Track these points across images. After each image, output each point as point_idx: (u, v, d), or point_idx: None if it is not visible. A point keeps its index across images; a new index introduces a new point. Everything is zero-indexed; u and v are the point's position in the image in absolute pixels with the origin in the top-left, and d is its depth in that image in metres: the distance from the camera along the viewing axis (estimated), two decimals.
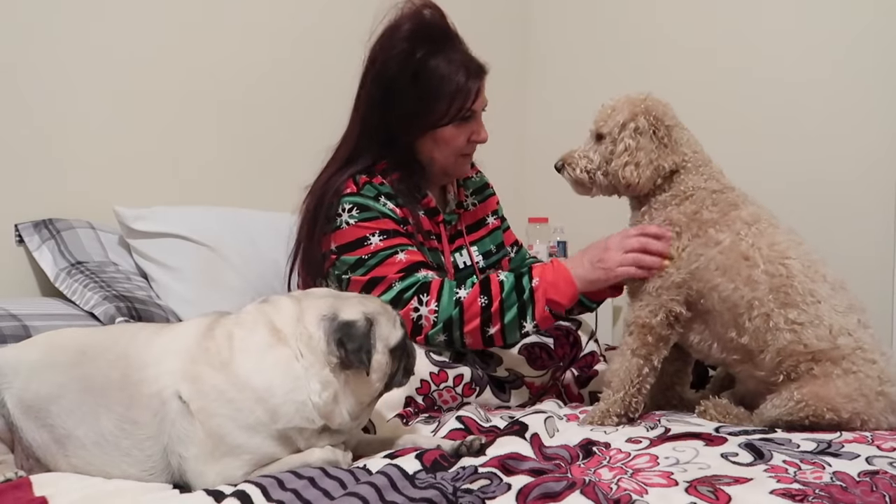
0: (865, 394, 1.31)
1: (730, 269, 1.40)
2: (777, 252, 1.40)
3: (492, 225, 1.88)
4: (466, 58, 1.66)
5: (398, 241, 1.59)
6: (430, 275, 1.57)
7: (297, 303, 1.17)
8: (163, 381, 1.11)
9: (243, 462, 1.08)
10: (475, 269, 1.79)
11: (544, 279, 1.55)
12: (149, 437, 1.11)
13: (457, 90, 1.61)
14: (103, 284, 1.80)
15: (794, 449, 1.15)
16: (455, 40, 1.68)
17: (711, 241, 1.42)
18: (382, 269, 1.56)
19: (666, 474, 1.04)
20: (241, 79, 2.33)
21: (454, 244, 1.78)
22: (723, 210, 1.45)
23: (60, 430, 1.14)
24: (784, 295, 1.36)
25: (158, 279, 1.93)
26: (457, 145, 1.68)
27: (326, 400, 1.10)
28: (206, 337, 1.15)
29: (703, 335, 1.46)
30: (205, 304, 1.89)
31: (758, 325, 1.37)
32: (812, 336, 1.34)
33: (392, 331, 1.17)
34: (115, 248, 2.00)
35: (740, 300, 1.38)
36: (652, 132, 1.47)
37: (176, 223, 1.98)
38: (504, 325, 1.54)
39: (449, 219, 1.77)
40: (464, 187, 1.86)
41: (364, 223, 1.60)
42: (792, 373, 1.36)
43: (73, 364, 1.18)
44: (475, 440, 1.17)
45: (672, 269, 1.44)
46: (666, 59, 2.86)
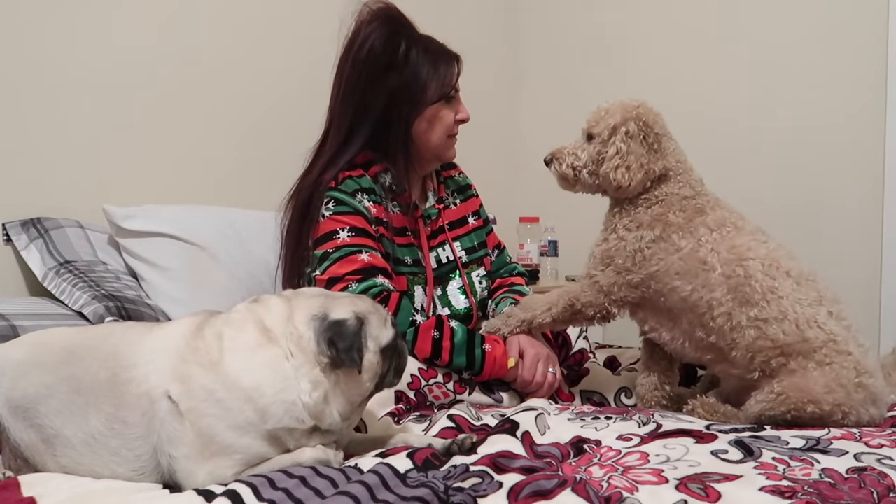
0: (844, 384, 1.33)
1: (687, 273, 1.45)
2: (735, 255, 1.44)
3: (472, 225, 1.89)
4: (439, 44, 1.74)
5: (364, 242, 1.60)
6: (388, 283, 1.59)
7: (288, 302, 1.16)
8: (152, 381, 1.11)
9: (234, 462, 1.08)
10: (458, 263, 1.79)
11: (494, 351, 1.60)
12: (138, 437, 1.10)
13: (442, 69, 1.69)
14: (92, 284, 1.79)
15: (784, 446, 1.16)
16: (419, 31, 1.74)
17: (673, 247, 1.48)
18: (342, 266, 1.58)
19: (656, 472, 1.04)
20: (233, 77, 2.32)
21: (436, 240, 1.79)
22: (689, 216, 1.50)
23: (49, 430, 1.13)
24: (742, 294, 1.40)
25: (148, 279, 1.92)
26: (447, 123, 1.73)
27: (317, 400, 1.10)
28: (195, 336, 1.14)
29: (674, 333, 1.51)
30: (195, 304, 1.88)
31: (721, 324, 1.42)
32: (777, 331, 1.37)
33: (383, 330, 1.17)
34: (105, 247, 1.98)
35: (699, 301, 1.43)
36: (642, 137, 1.52)
37: (166, 222, 1.97)
38: (451, 362, 1.58)
39: (428, 213, 1.78)
40: (445, 185, 1.88)
41: (338, 216, 1.62)
42: (766, 369, 1.39)
43: (60, 363, 1.17)
44: (466, 438, 1.17)
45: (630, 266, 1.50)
46: (654, 63, 2.89)
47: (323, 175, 1.68)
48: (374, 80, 1.67)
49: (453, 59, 1.73)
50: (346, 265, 1.59)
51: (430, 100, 1.69)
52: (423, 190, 1.83)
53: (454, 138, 1.78)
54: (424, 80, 1.67)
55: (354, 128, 1.69)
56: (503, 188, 3.00)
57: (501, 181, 3.03)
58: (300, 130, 1.80)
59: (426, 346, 1.56)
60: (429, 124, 1.71)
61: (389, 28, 1.68)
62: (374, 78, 1.67)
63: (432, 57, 1.69)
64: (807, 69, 2.57)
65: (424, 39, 1.72)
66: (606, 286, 1.52)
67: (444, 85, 1.69)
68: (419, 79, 1.67)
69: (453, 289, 1.78)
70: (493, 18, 3.15)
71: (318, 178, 1.69)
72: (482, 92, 1.75)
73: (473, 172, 2.07)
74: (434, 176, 1.86)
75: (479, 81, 1.74)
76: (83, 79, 2.01)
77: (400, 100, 1.67)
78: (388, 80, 1.66)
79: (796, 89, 2.59)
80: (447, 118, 1.73)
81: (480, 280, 1.84)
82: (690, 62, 2.81)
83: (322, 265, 1.61)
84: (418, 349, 1.56)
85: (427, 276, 1.72)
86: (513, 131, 3.23)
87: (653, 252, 1.47)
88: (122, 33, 2.09)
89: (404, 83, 1.66)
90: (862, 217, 2.47)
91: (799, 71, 2.58)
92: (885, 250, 2.39)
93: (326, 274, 1.60)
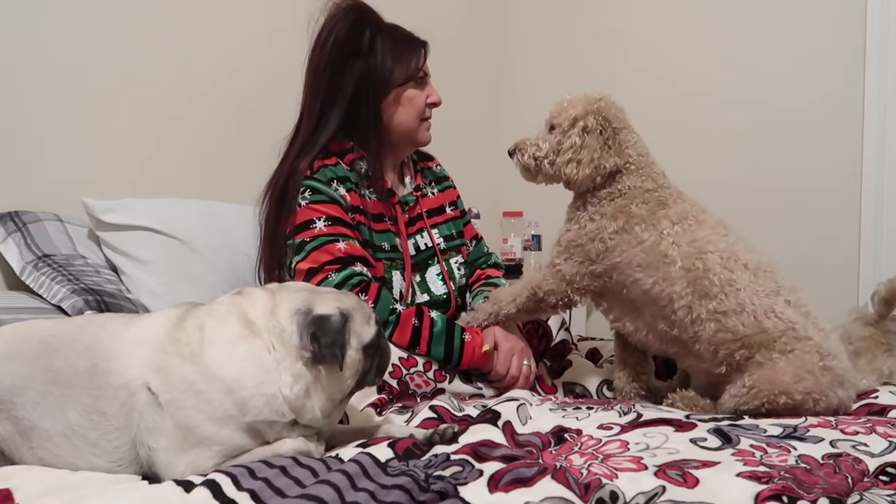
0: (810, 370, 1.34)
1: (649, 266, 1.46)
2: (695, 248, 1.45)
3: (450, 214, 1.90)
4: (406, 31, 1.77)
5: (341, 231, 1.62)
6: (366, 272, 1.61)
7: (272, 295, 1.16)
8: (131, 372, 1.10)
9: (213, 453, 1.07)
10: (436, 250, 1.81)
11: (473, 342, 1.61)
12: (117, 429, 1.09)
13: (410, 51, 1.73)
14: (71, 278, 1.77)
15: (762, 434, 1.17)
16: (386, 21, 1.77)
17: (635, 239, 1.48)
18: (319, 255, 1.60)
19: (636, 459, 1.05)
20: (212, 71, 2.31)
21: (414, 227, 1.80)
22: (651, 209, 1.51)
23: (25, 422, 1.12)
24: (701, 287, 1.42)
25: (129, 272, 1.90)
26: (418, 105, 1.75)
27: (298, 393, 1.09)
28: (176, 328, 1.13)
29: (637, 324, 1.52)
30: (176, 298, 1.86)
31: (682, 316, 1.43)
32: (737, 323, 1.39)
33: (366, 328, 1.16)
34: (84, 240, 1.96)
35: (660, 293, 1.45)
36: (599, 132, 1.52)
37: (146, 216, 1.95)
38: (429, 352, 1.59)
39: (405, 200, 1.79)
40: (422, 174, 1.89)
41: (314, 205, 1.64)
42: (731, 362, 1.41)
43: (37, 355, 1.16)
44: (448, 428, 1.17)
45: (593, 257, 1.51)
46: (639, 61, 2.90)
47: (297, 163, 1.70)
48: (341, 67, 1.71)
49: (419, 44, 1.76)
50: (323, 254, 1.60)
51: (397, 82, 1.72)
52: (399, 177, 1.85)
53: (427, 122, 1.81)
54: (390, 63, 1.71)
55: (324, 114, 1.72)
56: (487, 182, 3.00)
57: (485, 175, 3.03)
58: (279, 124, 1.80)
59: (405, 335, 1.58)
60: (398, 106, 1.74)
61: (354, 17, 1.72)
62: (340, 65, 1.71)
63: (398, 42, 1.73)
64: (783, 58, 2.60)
65: (390, 27, 1.76)
66: (569, 275, 1.53)
67: (409, 68, 1.73)
68: (385, 62, 1.71)
69: (432, 275, 1.79)
70: (477, 14, 3.16)
71: (291, 166, 1.71)
72: (466, 86, 1.76)
73: (457, 166, 2.07)
74: (411, 164, 1.88)
75: (463, 76, 1.75)
76: (62, 72, 1.99)
77: (367, 84, 1.70)
78: (355, 66, 1.70)
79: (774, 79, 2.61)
80: (417, 100, 1.76)
81: (459, 267, 1.86)
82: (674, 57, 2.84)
83: (299, 254, 1.63)
84: (397, 338, 1.57)
85: (405, 262, 1.73)
86: (496, 125, 3.23)
87: (615, 243, 1.48)
88: (98, 27, 2.06)
89: (370, 67, 1.70)
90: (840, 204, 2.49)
91: (776, 60, 2.61)
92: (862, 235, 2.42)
93: (305, 263, 1.61)
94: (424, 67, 1.77)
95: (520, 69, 3.24)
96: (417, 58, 1.74)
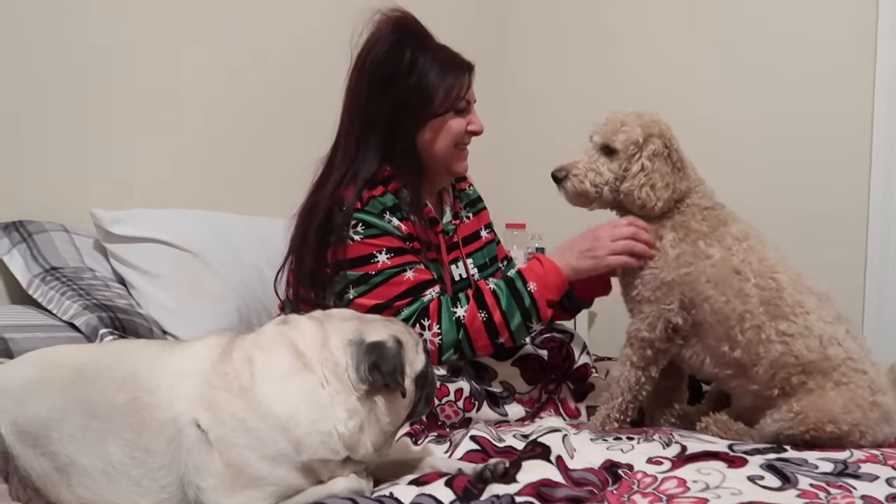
0: (860, 404, 1.34)
1: (721, 283, 1.43)
2: (767, 266, 1.44)
3: (485, 238, 1.86)
4: (451, 53, 1.68)
5: (406, 259, 1.56)
6: (434, 294, 1.56)
7: (321, 325, 1.12)
8: (178, 407, 1.05)
9: (266, 494, 1.03)
10: (471, 281, 1.76)
11: (540, 283, 1.56)
12: (163, 467, 1.05)
13: (451, 79, 1.63)
14: (82, 292, 1.71)
15: (814, 470, 1.16)
16: (434, 40, 1.69)
17: (702, 253, 1.46)
18: (388, 290, 1.53)
19: (701, 501, 1.03)
20: (224, 81, 2.24)
21: (451, 255, 1.75)
22: (712, 225, 1.50)
23: (63, 458, 1.07)
24: (774, 307, 1.40)
25: (139, 286, 1.84)
26: (456, 133, 1.67)
27: (352, 430, 1.05)
28: (222, 360, 1.09)
29: (696, 349, 1.49)
30: (187, 313, 1.82)
31: (750, 337, 1.40)
32: (802, 347, 1.38)
33: (416, 356, 1.13)
34: (91, 252, 1.90)
35: (732, 312, 1.42)
36: (666, 155, 1.50)
37: (157, 227, 1.90)
38: (512, 333, 1.56)
39: (447, 229, 1.75)
40: (459, 199, 1.84)
41: (370, 240, 1.55)
42: (786, 386, 1.39)
43: (72, 384, 1.10)
44: (499, 464, 1.14)
45: (659, 266, 1.47)
46: (642, 71, 2.89)
47: (340, 191, 1.60)
48: (378, 90, 1.62)
49: (464, 68, 1.67)
50: (392, 288, 1.53)
51: (437, 111, 1.63)
52: (440, 204, 1.79)
53: (464, 150, 1.73)
54: (430, 90, 1.62)
55: (362, 140, 1.63)
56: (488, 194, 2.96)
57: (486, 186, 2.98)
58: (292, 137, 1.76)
59: (482, 339, 1.53)
60: (434, 134, 1.66)
61: (397, 35, 1.64)
62: (378, 87, 1.62)
63: (440, 66, 1.63)
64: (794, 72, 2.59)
65: (434, 48, 1.67)
66: (651, 293, 1.49)
67: (450, 97, 1.63)
68: (424, 89, 1.62)
69: None
70: (480, 25, 3.13)
71: (333, 194, 1.60)
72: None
73: None
74: (450, 188, 1.82)
75: None
76: (70, 80, 1.92)
77: (403, 110, 1.62)
78: (392, 91, 1.61)
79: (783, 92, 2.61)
80: (455, 128, 1.67)
81: None
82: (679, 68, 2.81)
83: (360, 286, 1.54)
84: (478, 347, 1.54)
85: (448, 292, 1.68)
86: (497, 135, 3.20)
87: (680, 252, 1.45)
88: (108, 31, 1.99)
89: (408, 94, 1.61)
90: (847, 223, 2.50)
91: (786, 74, 2.60)
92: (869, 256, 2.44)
93: (368, 298, 1.53)
94: (468, 95, 1.68)
95: (521, 78, 3.21)
96: (460, 86, 1.64)
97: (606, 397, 1.55)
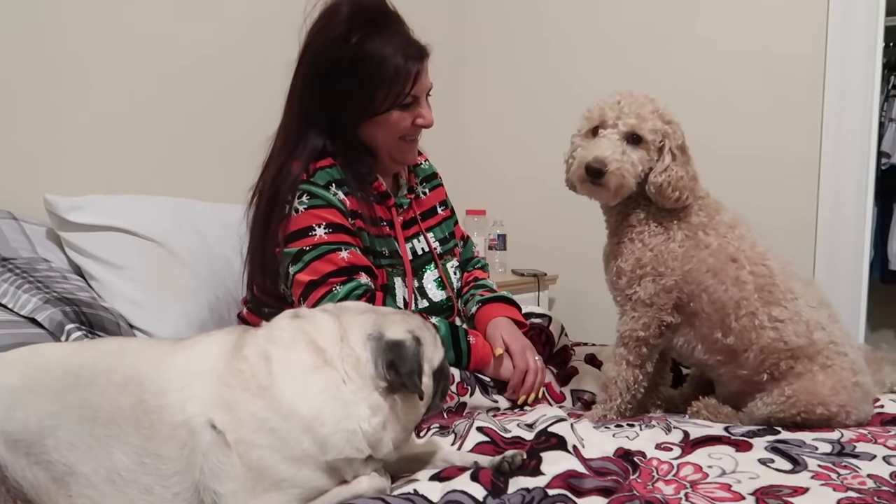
0: (846, 385, 1.39)
1: (720, 271, 1.44)
2: (758, 253, 1.46)
3: (441, 215, 1.84)
4: (406, 40, 1.58)
5: (343, 238, 1.53)
6: (370, 282, 1.53)
7: (336, 319, 1.07)
8: (191, 409, 0.99)
9: (290, 497, 0.98)
10: (434, 254, 1.75)
11: (479, 341, 1.61)
12: (176, 473, 0.98)
13: (395, 75, 1.54)
14: (39, 285, 1.59)
15: (815, 452, 1.20)
16: (395, 22, 1.60)
17: (701, 243, 1.47)
18: (322, 266, 1.50)
19: (724, 486, 1.05)
20: (181, 62, 2.14)
21: (410, 230, 1.73)
22: (709, 214, 1.50)
23: (60, 467, 0.99)
24: (768, 293, 1.43)
25: (100, 278, 1.73)
26: (400, 129, 1.61)
27: (376, 427, 1.02)
28: (236, 357, 1.03)
29: (688, 337, 1.50)
30: (155, 307, 1.73)
31: (744, 324, 1.43)
32: (792, 333, 1.41)
33: (435, 351, 1.10)
34: (44, 241, 1.78)
35: (729, 301, 1.43)
36: (685, 144, 1.48)
37: (117, 215, 1.79)
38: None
39: (401, 202, 1.71)
40: (415, 174, 1.81)
41: (314, 210, 1.53)
42: (774, 371, 1.43)
43: (66, 388, 1.02)
44: (517, 456, 1.12)
45: (666, 270, 1.46)
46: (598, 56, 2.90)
47: (289, 164, 1.57)
48: (317, 84, 1.56)
49: (417, 59, 1.56)
50: (325, 265, 1.51)
51: (377, 111, 1.56)
52: (395, 181, 1.75)
53: (414, 142, 1.67)
54: (372, 89, 1.54)
55: (301, 133, 1.59)
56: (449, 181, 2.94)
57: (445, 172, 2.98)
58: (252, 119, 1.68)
59: None
60: (377, 128, 1.60)
61: (347, 17, 1.54)
62: (317, 80, 1.56)
63: (388, 59, 1.53)
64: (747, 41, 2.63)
65: (387, 33, 1.56)
66: (649, 297, 1.46)
67: (393, 95, 1.55)
68: (366, 87, 1.54)
69: (429, 281, 1.73)
70: (436, 9, 3.08)
71: (282, 168, 1.58)
72: None
73: None
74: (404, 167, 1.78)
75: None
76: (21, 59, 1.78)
77: (342, 108, 1.57)
78: (332, 86, 1.55)
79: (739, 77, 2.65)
80: (400, 124, 1.60)
81: (455, 271, 1.82)
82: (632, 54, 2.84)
83: (297, 264, 1.52)
84: None
85: (405, 267, 1.66)
86: (455, 120, 3.18)
87: (685, 249, 1.45)
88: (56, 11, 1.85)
89: (348, 91, 1.54)
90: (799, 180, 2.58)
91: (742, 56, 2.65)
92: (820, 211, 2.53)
93: (305, 275, 1.51)
94: (416, 89, 1.58)
95: (479, 64, 3.19)
96: (404, 83, 1.54)
97: (604, 398, 1.53)
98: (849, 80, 2.49)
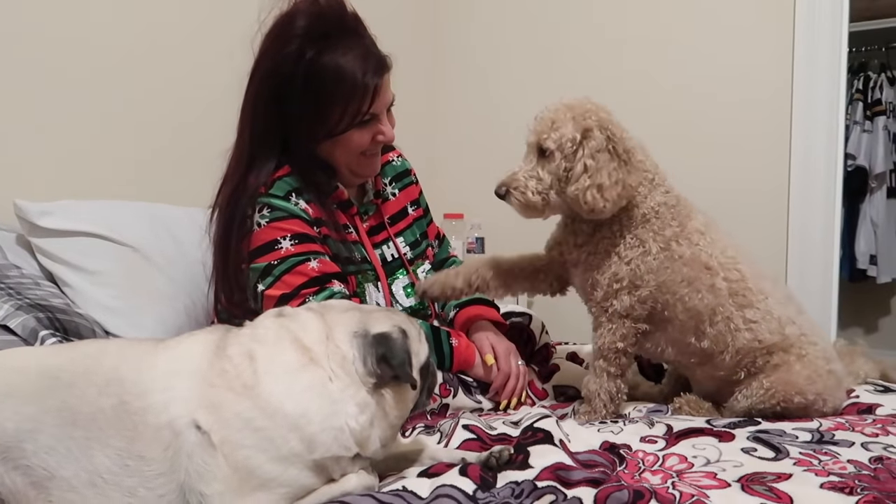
0: (821, 374, 1.42)
1: (695, 280, 1.43)
2: (730, 258, 1.46)
3: (412, 215, 1.80)
4: (364, 53, 1.50)
5: (311, 248, 1.50)
6: (344, 289, 1.51)
7: (321, 317, 1.06)
8: (174, 410, 0.97)
9: (277, 497, 0.97)
10: (403, 260, 1.72)
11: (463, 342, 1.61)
12: (160, 474, 0.96)
13: (353, 91, 1.47)
14: (11, 291, 1.55)
15: (796, 440, 1.22)
16: (354, 33, 1.53)
17: (675, 254, 1.44)
18: (292, 279, 1.47)
19: (710, 474, 1.06)
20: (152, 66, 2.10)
21: (378, 236, 1.70)
22: (681, 223, 1.46)
23: (40, 472, 0.97)
24: (742, 297, 1.44)
25: (73, 284, 1.69)
26: (358, 147, 1.56)
27: (364, 424, 1.01)
28: (219, 357, 1.01)
29: (658, 342, 1.50)
30: (130, 313, 1.70)
31: (720, 329, 1.43)
32: (766, 331, 1.43)
33: (420, 346, 1.10)
34: (14, 248, 1.73)
35: (705, 308, 1.43)
36: (610, 148, 1.38)
37: (90, 220, 1.75)
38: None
39: (364, 209, 1.68)
40: (381, 175, 1.75)
41: (277, 223, 1.49)
42: (751, 367, 1.45)
43: (44, 391, 1.00)
44: (504, 450, 1.13)
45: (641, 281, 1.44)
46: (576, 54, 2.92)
47: (247, 178, 1.53)
48: (269, 103, 1.51)
49: (376, 74, 1.48)
50: (296, 277, 1.47)
51: (332, 133, 1.51)
52: (361, 187, 1.71)
53: (375, 156, 1.62)
54: (326, 112, 1.48)
55: (255, 146, 1.55)
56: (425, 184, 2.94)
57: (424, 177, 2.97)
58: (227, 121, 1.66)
59: None
60: (335, 146, 1.55)
61: (302, 28, 1.47)
62: (269, 99, 1.51)
63: (343, 76, 1.46)
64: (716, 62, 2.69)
65: (343, 48, 1.47)
66: (625, 309, 1.44)
67: (348, 116, 1.49)
68: (319, 111, 1.48)
69: (399, 288, 1.71)
70: (408, 15, 3.08)
71: (241, 182, 1.54)
72: (400, 88, 1.61)
73: None
74: None
75: (399, 78, 1.59)
76: None
77: (297, 129, 1.52)
78: (285, 107, 1.49)
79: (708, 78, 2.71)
80: (358, 142, 1.54)
81: (426, 274, 1.78)
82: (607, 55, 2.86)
83: (266, 279, 1.48)
84: None
85: (378, 272, 1.65)
86: (430, 124, 3.18)
87: (660, 262, 1.42)
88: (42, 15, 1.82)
89: (301, 114, 1.49)
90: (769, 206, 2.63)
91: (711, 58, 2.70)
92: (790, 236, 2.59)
93: (276, 289, 1.47)
94: (375, 107, 1.51)
95: (454, 67, 3.19)
96: (362, 100, 1.47)
97: (586, 410, 1.49)
98: (815, 84, 2.56)
